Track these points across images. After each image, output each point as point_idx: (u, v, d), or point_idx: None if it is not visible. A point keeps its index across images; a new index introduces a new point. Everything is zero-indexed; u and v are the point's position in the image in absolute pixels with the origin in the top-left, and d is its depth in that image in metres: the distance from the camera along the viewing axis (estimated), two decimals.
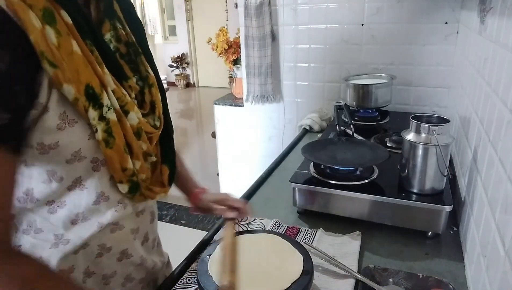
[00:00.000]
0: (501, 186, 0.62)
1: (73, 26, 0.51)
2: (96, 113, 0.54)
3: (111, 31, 0.62)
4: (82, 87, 0.52)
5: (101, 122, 0.55)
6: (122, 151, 0.58)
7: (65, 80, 0.49)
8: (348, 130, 1.38)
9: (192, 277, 0.78)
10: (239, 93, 2.23)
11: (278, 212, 1.06)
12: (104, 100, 0.55)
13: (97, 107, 0.54)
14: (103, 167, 0.59)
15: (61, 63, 0.49)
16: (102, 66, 0.55)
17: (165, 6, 7.85)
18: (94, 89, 0.53)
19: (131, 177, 0.61)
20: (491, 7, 0.88)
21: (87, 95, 0.52)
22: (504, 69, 0.70)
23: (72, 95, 0.51)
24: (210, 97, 5.48)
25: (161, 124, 0.69)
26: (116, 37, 0.62)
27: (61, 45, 0.49)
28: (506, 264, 0.56)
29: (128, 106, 0.59)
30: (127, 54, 0.64)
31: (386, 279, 0.75)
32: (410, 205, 0.90)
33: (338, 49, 1.75)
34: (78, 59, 0.51)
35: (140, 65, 0.66)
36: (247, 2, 1.81)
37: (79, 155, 0.55)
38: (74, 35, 0.51)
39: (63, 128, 0.52)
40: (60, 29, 0.50)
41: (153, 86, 0.67)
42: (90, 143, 0.55)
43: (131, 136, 0.60)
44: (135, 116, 0.61)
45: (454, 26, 1.52)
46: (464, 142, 1.04)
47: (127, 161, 0.59)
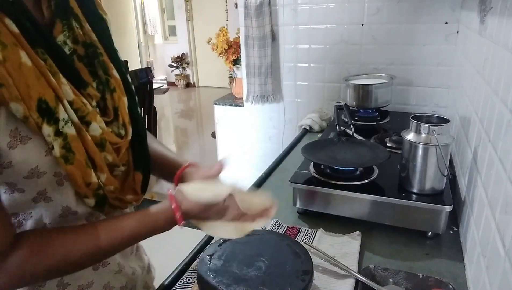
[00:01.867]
0: (501, 186, 0.62)
1: (21, 35, 0.47)
2: (51, 129, 0.50)
3: (65, 32, 0.56)
4: (33, 102, 0.47)
5: (57, 138, 0.51)
6: (84, 166, 0.54)
7: (12, 98, 0.45)
8: (348, 130, 1.38)
9: (192, 277, 0.78)
10: (239, 93, 2.23)
11: (278, 212, 1.05)
12: (60, 114, 0.50)
13: (52, 122, 0.50)
14: (66, 181, 0.55)
15: (6, 80, 0.45)
16: (57, 76, 0.51)
17: (165, 6, 7.85)
18: (48, 103, 0.49)
19: (97, 191, 0.58)
20: (491, 7, 0.88)
21: (39, 110, 0.48)
22: (504, 69, 0.70)
23: (21, 113, 0.47)
24: (210, 97, 5.48)
25: (126, 132, 0.63)
26: (73, 37, 0.57)
27: (7, 58, 0.45)
28: (506, 264, 0.56)
29: (89, 116, 0.55)
30: (85, 56, 0.59)
31: (386, 279, 0.75)
32: (410, 205, 0.90)
33: (338, 49, 1.75)
34: (28, 72, 0.47)
35: (99, 69, 0.60)
36: (247, 2, 1.81)
37: (37, 171, 0.51)
38: (22, 45, 0.47)
39: (15, 146, 0.48)
40: (4, 41, 0.45)
41: (115, 91, 0.62)
42: (48, 159, 0.51)
43: (93, 149, 0.56)
44: (98, 126, 0.56)
45: (454, 26, 1.52)
46: (464, 142, 1.04)
47: (90, 175, 0.56)
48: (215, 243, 0.79)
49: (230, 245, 0.77)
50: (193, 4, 7.33)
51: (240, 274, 0.69)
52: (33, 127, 0.48)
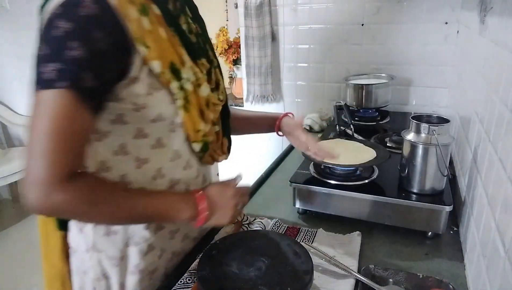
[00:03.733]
0: (501, 186, 0.62)
1: (161, 17, 0.65)
2: (178, 84, 0.66)
3: (185, 24, 0.74)
4: (167, 63, 0.64)
5: (181, 91, 0.67)
6: (197, 115, 0.71)
7: (154, 57, 0.62)
8: (348, 130, 1.38)
9: (192, 277, 0.78)
10: (239, 93, 2.23)
11: (278, 212, 1.06)
12: (183, 74, 0.67)
13: (178, 79, 0.66)
14: (178, 129, 0.71)
15: (152, 45, 0.61)
16: (181, 48, 0.68)
17: None
18: (175, 65, 0.66)
19: (204, 137, 0.74)
20: (491, 7, 0.88)
21: (171, 69, 0.65)
22: (504, 69, 0.70)
23: (159, 69, 0.63)
24: None
25: (223, 98, 0.82)
26: (189, 28, 0.75)
27: (152, 31, 0.62)
28: (506, 264, 0.56)
29: (200, 80, 0.72)
30: (197, 42, 0.76)
31: (386, 279, 0.75)
32: (410, 205, 0.90)
33: (338, 49, 1.75)
34: (164, 42, 0.64)
35: (208, 50, 0.80)
36: (247, 2, 1.81)
37: (161, 117, 0.67)
38: (161, 24, 0.64)
39: (151, 93, 0.64)
40: (152, 19, 0.62)
41: (217, 68, 0.82)
42: (170, 107, 0.67)
43: (203, 103, 0.72)
44: (206, 88, 0.73)
45: (454, 26, 1.52)
46: (464, 142, 1.04)
47: (200, 123, 0.72)
48: (215, 243, 0.79)
49: (230, 245, 0.77)
50: None
51: (240, 274, 0.69)
52: (163, 81, 0.65)
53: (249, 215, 1.02)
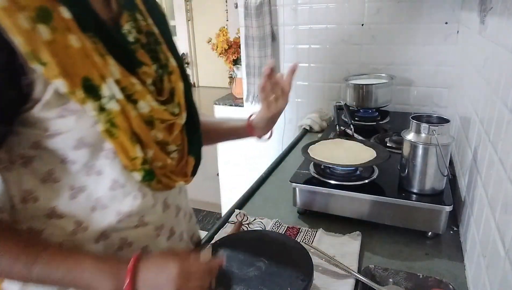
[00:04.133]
0: (501, 186, 0.62)
1: (72, 21, 0.52)
2: (96, 105, 0.54)
3: (130, 22, 0.64)
4: (78, 80, 0.53)
5: (101, 113, 0.55)
6: (128, 141, 0.58)
7: (55, 76, 0.51)
8: (348, 130, 1.38)
9: None
10: (239, 93, 2.23)
11: (278, 212, 1.06)
12: (103, 91, 0.55)
13: (97, 98, 0.54)
14: (115, 155, 0.59)
15: (49, 60, 0.50)
16: (105, 57, 0.56)
17: (165, 6, 7.84)
18: (92, 81, 0.54)
19: (143, 165, 0.61)
20: (491, 7, 0.88)
21: (84, 87, 0.53)
22: (504, 69, 0.70)
23: (65, 89, 0.52)
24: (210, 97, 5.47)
25: (181, 111, 0.69)
26: (137, 28, 0.65)
27: (55, 40, 0.51)
28: (506, 264, 0.56)
29: (137, 95, 0.60)
30: (147, 43, 0.66)
31: (386, 279, 0.75)
32: (410, 205, 0.90)
33: (338, 49, 1.75)
34: (75, 53, 0.52)
35: (160, 53, 0.68)
36: (247, 2, 1.81)
37: (84, 142, 0.56)
38: (73, 30, 0.52)
39: (64, 116, 0.53)
40: (56, 26, 0.51)
41: (173, 74, 0.69)
42: (93, 131, 0.56)
43: (138, 125, 0.60)
44: (147, 104, 0.61)
45: (454, 26, 1.52)
46: (464, 142, 1.04)
47: (134, 150, 0.59)
48: (215, 243, 0.79)
49: (230, 245, 0.77)
50: (193, 4, 7.30)
51: (240, 274, 0.69)
52: (78, 102, 0.53)
53: (249, 215, 1.02)
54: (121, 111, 0.57)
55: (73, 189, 0.59)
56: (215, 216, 2.98)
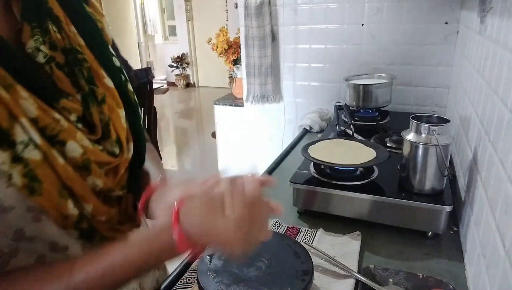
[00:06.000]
0: (501, 186, 0.62)
1: None
2: (6, 155, 0.41)
3: (36, 36, 0.48)
4: None
5: (16, 165, 0.42)
6: (56, 196, 0.46)
7: None
8: (348, 130, 1.38)
9: (192, 277, 0.78)
10: (239, 93, 2.23)
11: None
12: (17, 136, 0.42)
13: (7, 147, 0.41)
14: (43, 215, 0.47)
15: None
16: (13, 89, 0.43)
17: (165, 6, 7.85)
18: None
19: (79, 224, 0.49)
20: (491, 7, 0.88)
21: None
22: (504, 69, 0.70)
23: None
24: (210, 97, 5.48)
25: (122, 149, 0.55)
26: (49, 43, 0.49)
27: None
28: (506, 264, 0.56)
29: (63, 134, 0.46)
30: (66, 63, 0.51)
31: (386, 279, 0.75)
32: (410, 205, 0.90)
33: (338, 49, 1.75)
34: None
35: (80, 78, 0.52)
36: (247, 2, 1.81)
37: (2, 205, 0.43)
38: None
39: None
40: None
41: (104, 102, 0.53)
42: (11, 190, 0.43)
43: (67, 175, 0.47)
44: (77, 145, 0.48)
45: (454, 26, 1.52)
46: (464, 142, 1.04)
47: (66, 207, 0.47)
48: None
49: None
50: (193, 4, 7.33)
51: (240, 274, 0.69)
52: None
53: None
54: (43, 159, 0.44)
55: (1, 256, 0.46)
56: None
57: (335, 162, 0.98)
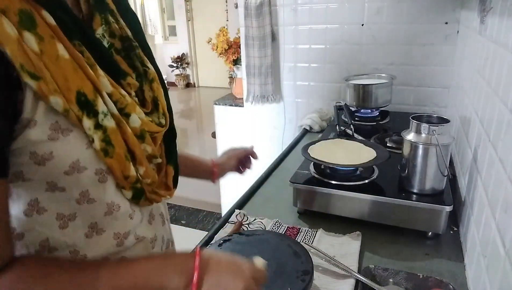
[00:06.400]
0: (501, 186, 0.62)
1: (58, 27, 0.46)
2: (91, 122, 0.49)
3: (103, 25, 0.57)
4: (72, 95, 0.47)
5: (97, 131, 0.50)
6: (124, 159, 0.54)
7: (51, 91, 0.45)
8: (348, 130, 1.38)
9: None
10: (239, 93, 2.23)
11: (278, 212, 1.06)
12: (99, 107, 0.50)
13: (92, 115, 0.49)
14: (109, 176, 0.54)
15: (44, 73, 0.44)
16: (95, 68, 0.51)
17: (165, 6, 7.85)
18: (86, 95, 0.48)
19: (134, 184, 0.57)
20: (491, 7, 0.88)
21: (79, 103, 0.48)
22: (504, 69, 0.70)
23: (61, 107, 0.46)
24: (210, 97, 5.48)
25: (166, 121, 0.64)
26: (110, 31, 0.58)
27: (44, 51, 0.45)
28: (506, 264, 0.56)
29: (128, 108, 0.55)
30: (122, 49, 0.59)
31: (386, 279, 0.75)
32: (410, 205, 0.90)
33: (338, 49, 1.75)
34: (66, 64, 0.47)
35: (136, 61, 0.61)
36: (247, 2, 1.81)
37: (78, 165, 0.50)
38: (59, 38, 0.46)
39: (56, 138, 0.47)
40: (41, 33, 0.45)
41: (153, 82, 0.63)
42: (89, 152, 0.50)
43: (133, 141, 0.55)
44: (137, 117, 0.56)
45: (454, 26, 1.52)
46: (464, 142, 1.04)
47: (129, 168, 0.55)
48: (215, 243, 0.79)
49: (230, 246, 0.77)
50: (193, 4, 7.33)
51: None
52: (74, 120, 0.48)
53: (249, 215, 1.02)
54: (117, 126, 0.52)
55: (62, 218, 0.53)
56: (215, 216, 2.98)
57: (335, 162, 0.98)
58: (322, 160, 0.99)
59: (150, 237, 0.65)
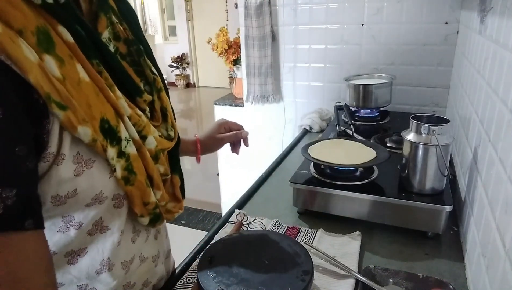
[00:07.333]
0: (501, 186, 0.62)
1: (76, 46, 0.41)
2: (115, 150, 0.45)
3: (109, 27, 0.50)
4: (97, 123, 0.42)
5: (120, 159, 0.46)
6: (144, 186, 0.50)
7: (79, 121, 0.40)
8: (348, 130, 1.38)
9: (192, 277, 0.78)
10: (239, 93, 2.23)
11: (278, 212, 1.06)
12: (122, 133, 0.45)
13: (115, 143, 0.45)
14: (125, 201, 0.50)
15: (71, 102, 0.39)
16: (113, 89, 0.45)
17: (165, 6, 7.85)
18: (109, 122, 0.44)
19: (154, 210, 0.54)
20: (491, 7, 0.88)
21: (103, 131, 0.43)
22: (504, 69, 0.69)
23: (89, 137, 0.41)
24: (210, 97, 5.48)
25: (175, 133, 0.59)
26: (113, 34, 0.51)
27: (65, 76, 0.39)
28: (506, 264, 0.56)
29: (145, 130, 0.50)
30: (128, 54, 0.53)
31: (386, 279, 0.75)
32: (410, 205, 0.90)
33: (338, 49, 1.75)
34: (88, 89, 0.41)
35: (146, 68, 0.55)
36: (247, 2, 1.81)
37: (101, 197, 0.46)
38: (78, 58, 0.41)
39: (81, 172, 0.42)
40: (61, 55, 0.39)
41: (161, 91, 0.58)
42: (112, 181, 0.46)
43: (152, 166, 0.51)
44: (153, 138, 0.52)
45: (454, 26, 1.52)
46: (464, 142, 1.04)
47: (150, 195, 0.51)
48: (215, 243, 0.79)
49: (230, 245, 0.77)
50: (193, 4, 7.33)
51: (240, 274, 0.69)
52: (99, 151, 0.43)
53: (249, 215, 1.02)
54: (138, 153, 0.49)
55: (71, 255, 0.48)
56: (215, 216, 2.98)
57: (335, 162, 0.98)
58: (322, 160, 0.99)
59: (153, 255, 0.62)
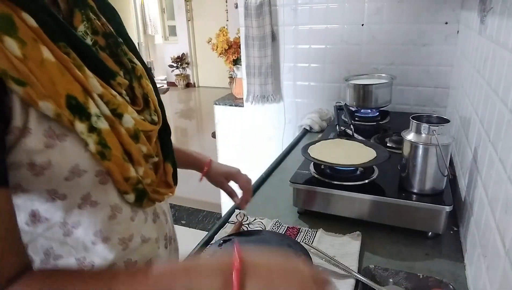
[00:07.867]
0: (501, 186, 0.62)
1: (40, 30, 0.45)
2: (84, 126, 0.48)
3: (84, 22, 0.55)
4: (62, 99, 0.45)
5: (91, 134, 0.49)
6: (122, 161, 0.53)
7: (39, 96, 0.43)
8: (348, 130, 1.38)
9: None
10: (239, 93, 2.23)
11: (278, 212, 1.06)
12: (91, 109, 0.49)
13: (84, 118, 0.48)
14: (110, 178, 0.53)
15: (30, 78, 0.43)
16: (83, 69, 0.49)
17: (165, 6, 7.85)
18: (77, 98, 0.47)
19: (136, 185, 0.56)
20: (491, 7, 0.88)
21: (69, 107, 0.46)
22: (504, 69, 0.70)
23: (52, 111, 0.45)
24: (210, 97, 5.48)
25: (159, 118, 0.63)
26: (92, 29, 0.56)
27: (27, 55, 0.43)
28: (506, 264, 0.56)
29: (120, 108, 0.53)
30: (107, 46, 0.58)
31: (386, 279, 0.75)
32: (410, 205, 0.90)
33: (338, 49, 1.75)
34: (52, 68, 0.45)
35: (123, 57, 0.59)
36: (247, 2, 1.81)
37: (78, 170, 0.49)
38: (43, 40, 0.45)
39: (53, 145, 0.46)
40: (23, 37, 0.43)
41: (142, 78, 0.62)
42: (87, 155, 0.49)
43: (128, 141, 0.54)
44: (130, 117, 0.55)
45: (454, 26, 1.52)
46: (464, 142, 1.04)
47: (129, 169, 0.54)
48: (215, 243, 0.79)
49: (230, 246, 0.77)
50: (193, 4, 7.33)
51: None
52: (67, 125, 0.46)
53: (249, 215, 1.02)
54: (111, 129, 0.51)
55: (66, 226, 0.52)
56: (215, 216, 2.98)
57: (335, 162, 0.98)
58: (322, 160, 0.99)
59: (155, 237, 0.64)
